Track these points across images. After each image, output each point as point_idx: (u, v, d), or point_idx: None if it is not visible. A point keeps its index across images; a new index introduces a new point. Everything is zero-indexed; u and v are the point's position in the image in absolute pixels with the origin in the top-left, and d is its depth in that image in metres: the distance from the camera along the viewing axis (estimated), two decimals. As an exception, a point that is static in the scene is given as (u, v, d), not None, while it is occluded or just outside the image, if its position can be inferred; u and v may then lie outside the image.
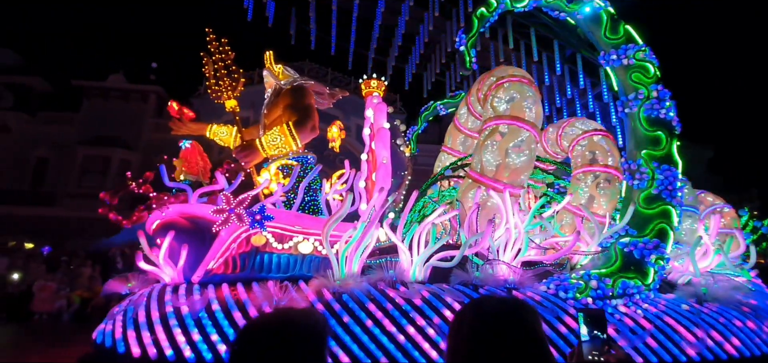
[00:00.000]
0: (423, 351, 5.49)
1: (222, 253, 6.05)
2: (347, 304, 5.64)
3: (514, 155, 6.63)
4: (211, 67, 6.72)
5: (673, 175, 7.12)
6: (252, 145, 6.90)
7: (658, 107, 7.36)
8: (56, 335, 11.35)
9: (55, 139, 29.42)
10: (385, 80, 7.77)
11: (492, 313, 1.37)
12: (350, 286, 5.72)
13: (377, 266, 6.21)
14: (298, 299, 5.63)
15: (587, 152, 7.57)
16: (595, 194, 7.36)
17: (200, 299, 5.61)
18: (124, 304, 6.17)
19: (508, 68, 7.35)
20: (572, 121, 8.06)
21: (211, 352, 5.29)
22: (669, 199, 7.02)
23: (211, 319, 5.45)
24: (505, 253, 6.28)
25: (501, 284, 6.06)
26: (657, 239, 6.72)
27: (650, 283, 6.52)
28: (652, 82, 7.46)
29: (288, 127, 6.80)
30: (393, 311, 5.62)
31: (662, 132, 7.32)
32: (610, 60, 7.52)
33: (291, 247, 6.24)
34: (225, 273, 6.06)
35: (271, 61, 7.91)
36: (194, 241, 6.10)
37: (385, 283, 5.95)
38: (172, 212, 6.14)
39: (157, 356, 5.33)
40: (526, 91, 6.79)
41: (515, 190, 6.67)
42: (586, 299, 6.13)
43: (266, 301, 5.48)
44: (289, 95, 7.23)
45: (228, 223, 5.96)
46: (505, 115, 6.76)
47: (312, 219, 6.46)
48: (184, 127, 7.63)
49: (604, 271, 6.50)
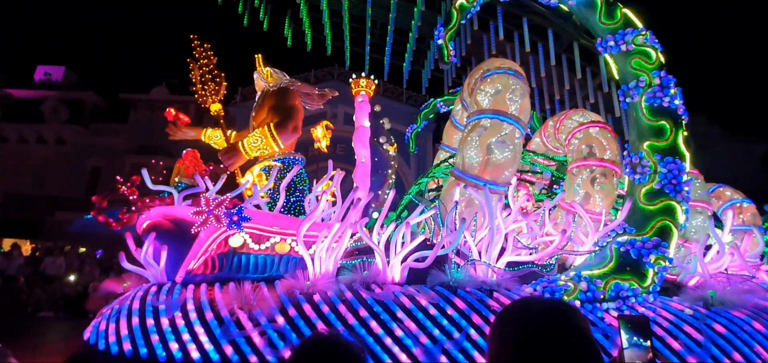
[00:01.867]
0: (392, 354, 5.37)
1: (202, 254, 6.20)
2: (318, 306, 5.62)
3: (498, 151, 6.34)
4: (197, 73, 6.95)
5: (678, 168, 6.55)
6: (235, 148, 7.04)
7: (661, 95, 6.81)
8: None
9: (106, 149, 31.59)
10: (374, 79, 7.70)
11: (541, 313, 1.31)
12: (321, 287, 5.69)
13: (354, 267, 6.14)
14: (270, 299, 5.67)
15: (583, 146, 7.12)
16: (591, 191, 6.90)
17: (176, 300, 5.77)
18: (114, 304, 6.46)
19: (495, 60, 7.05)
20: (570, 113, 7.62)
21: (182, 352, 5.43)
22: (673, 194, 6.46)
23: (185, 319, 5.60)
24: (488, 254, 6.02)
25: (480, 286, 5.81)
26: (658, 238, 6.20)
27: (649, 285, 6.02)
28: (654, 69, 6.92)
29: (269, 129, 6.89)
30: (364, 313, 5.53)
31: (666, 122, 6.76)
32: (608, 47, 7.05)
33: (268, 247, 6.30)
34: (204, 273, 6.20)
35: (260, 63, 8.06)
36: (176, 241, 6.29)
37: (360, 284, 5.88)
38: (155, 214, 6.38)
39: (133, 353, 5.55)
40: (510, 84, 6.48)
41: (498, 187, 6.37)
42: (574, 301, 5.75)
43: (236, 302, 5.55)
44: (273, 97, 7.33)
45: (207, 224, 6.11)
46: (487, 109, 6.48)
47: (289, 219, 6.50)
48: (179, 131, 7.94)
49: (596, 272, 6.08)
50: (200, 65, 6.97)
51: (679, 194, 6.47)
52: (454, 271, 5.98)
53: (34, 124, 30.60)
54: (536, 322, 1.25)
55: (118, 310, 6.07)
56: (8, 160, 30.22)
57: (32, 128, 30.70)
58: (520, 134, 6.49)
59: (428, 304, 5.62)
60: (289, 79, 8.01)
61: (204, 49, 6.90)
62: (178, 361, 5.46)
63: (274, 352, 5.36)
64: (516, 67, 6.72)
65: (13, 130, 30.58)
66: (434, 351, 5.37)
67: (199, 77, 7.05)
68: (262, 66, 7.92)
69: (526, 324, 1.26)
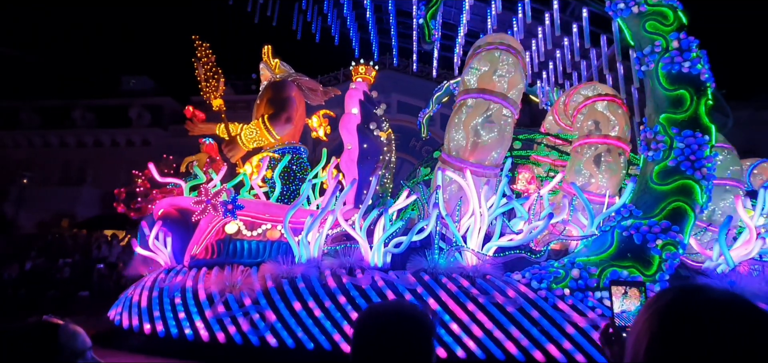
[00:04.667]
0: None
1: (202, 240, 6.66)
2: (299, 288, 5.80)
3: (483, 131, 6.02)
4: (201, 71, 7.42)
5: (699, 142, 5.78)
6: (234, 141, 7.42)
7: (680, 60, 6.03)
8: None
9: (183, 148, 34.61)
10: (374, 66, 7.70)
11: (715, 310, 0.95)
12: (302, 271, 5.86)
13: (339, 252, 6.23)
14: (256, 282, 5.96)
15: (589, 122, 6.53)
16: (594, 170, 6.32)
17: (177, 284, 6.27)
18: (134, 285, 7.17)
19: (489, 36, 6.67)
20: (580, 87, 6.99)
21: (177, 328, 5.91)
22: (690, 171, 5.73)
23: (183, 300, 6.08)
24: (471, 239, 5.79)
25: (460, 272, 5.62)
26: (668, 221, 5.55)
27: (654, 273, 5.42)
28: (671, 31, 6.14)
29: (263, 121, 7.16)
30: (341, 297, 5.62)
31: (686, 90, 5.99)
32: (618, 10, 6.38)
33: (260, 234, 6.59)
34: (205, 258, 6.66)
35: (269, 55, 8.38)
36: (182, 229, 6.81)
37: (342, 268, 5.96)
38: (166, 204, 6.95)
39: (140, 329, 6.17)
40: (497, 60, 6.10)
41: (483, 169, 6.06)
42: (562, 290, 5.36)
43: (225, 285, 5.91)
44: (270, 89, 7.60)
45: (206, 213, 6.55)
46: (472, 89, 6.17)
47: (280, 207, 6.73)
48: (196, 128, 8.54)
49: (593, 258, 5.60)
50: (202, 63, 7.44)
51: (699, 171, 5.71)
52: (436, 257, 5.85)
53: (123, 128, 34.32)
54: (702, 323, 0.92)
55: (131, 291, 6.75)
56: (104, 161, 34.24)
57: (122, 133, 34.46)
58: (508, 112, 6.10)
59: (405, 289, 5.57)
60: (295, 73, 8.27)
61: (204, 49, 7.35)
62: (174, 337, 5.96)
63: (255, 332, 5.66)
64: (508, 41, 6.30)
65: (107, 135, 34.55)
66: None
67: (202, 75, 7.52)
68: (270, 57, 8.24)
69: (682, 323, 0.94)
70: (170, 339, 5.92)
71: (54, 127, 34.20)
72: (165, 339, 5.95)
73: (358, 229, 6.00)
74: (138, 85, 36.42)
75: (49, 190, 32.99)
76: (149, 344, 6.10)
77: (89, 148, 34.55)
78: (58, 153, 34.40)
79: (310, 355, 5.44)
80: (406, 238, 5.66)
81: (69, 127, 34.28)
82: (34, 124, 34.61)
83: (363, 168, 6.83)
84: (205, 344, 5.74)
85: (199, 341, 5.75)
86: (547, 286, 5.42)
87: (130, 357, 6.13)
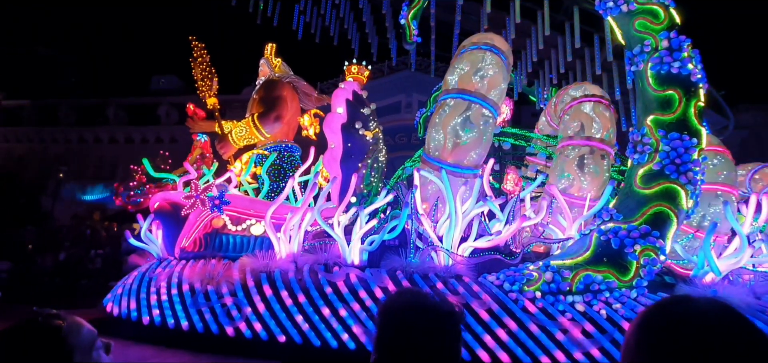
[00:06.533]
0: (335, 333, 5.48)
1: (192, 233, 6.90)
2: (275, 282, 5.93)
3: (462, 131, 5.99)
4: (198, 70, 7.69)
5: (686, 145, 5.57)
6: (226, 138, 7.65)
7: (670, 60, 5.82)
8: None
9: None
10: (367, 65, 7.79)
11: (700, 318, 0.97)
12: (279, 266, 5.99)
13: (317, 248, 6.34)
14: (236, 274, 6.14)
15: (574, 123, 6.38)
16: (576, 172, 6.17)
17: (165, 273, 6.53)
18: (130, 275, 7.50)
19: (473, 36, 6.61)
20: (570, 87, 6.83)
21: (160, 316, 6.16)
22: (675, 175, 5.52)
23: (168, 290, 6.33)
24: (446, 240, 5.78)
25: (433, 271, 5.62)
26: (648, 226, 5.37)
27: (631, 279, 5.26)
28: (661, 30, 5.94)
29: (252, 120, 7.36)
30: (314, 292, 5.71)
31: (675, 91, 5.78)
32: (608, 8, 6.22)
33: (244, 229, 6.77)
34: (194, 251, 6.90)
35: (272, 53, 8.59)
36: (174, 221, 7.08)
37: (319, 265, 6.05)
38: (160, 198, 7.24)
39: (126, 314, 6.46)
40: (478, 60, 6.05)
41: (463, 170, 6.02)
42: (533, 292, 5.27)
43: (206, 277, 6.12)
44: (262, 88, 7.80)
45: (195, 207, 6.79)
46: (452, 89, 6.14)
47: (266, 204, 6.89)
48: (196, 125, 8.84)
49: (568, 261, 5.48)
50: (198, 63, 7.71)
51: (684, 176, 5.50)
52: (410, 257, 5.86)
53: (153, 126, 35.67)
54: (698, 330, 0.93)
55: (125, 281, 7.07)
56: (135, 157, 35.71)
57: (151, 130, 35.81)
58: (489, 112, 6.03)
59: (375, 287, 5.61)
60: (293, 75, 8.45)
61: (199, 49, 7.61)
62: (157, 325, 6.22)
63: (231, 322, 5.83)
64: (492, 40, 6.23)
65: (138, 132, 36.01)
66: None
67: (199, 74, 7.79)
68: (272, 55, 8.45)
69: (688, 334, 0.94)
70: (154, 327, 6.19)
71: (89, 125, 35.88)
72: (149, 327, 6.22)
73: (336, 227, 6.08)
74: (167, 84, 37.76)
75: (84, 184, 34.72)
76: (137, 332, 6.38)
77: (121, 144, 36.09)
78: (92, 149, 36.07)
79: (282, 346, 5.57)
80: (378, 236, 5.70)
81: (103, 124, 35.90)
82: (71, 121, 36.38)
83: (346, 167, 6.91)
84: (186, 333, 5.97)
85: (180, 330, 5.98)
86: (519, 288, 5.34)
87: (120, 343, 6.44)
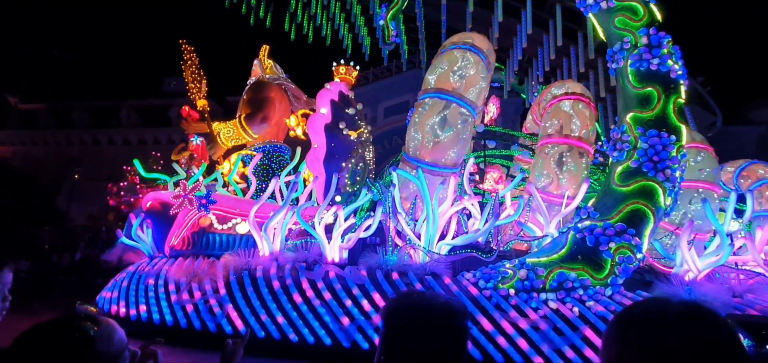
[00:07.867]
0: (312, 328, 5.57)
1: (180, 231, 7.07)
2: (256, 279, 6.05)
3: (440, 130, 6.02)
4: (188, 73, 7.87)
5: (664, 142, 5.52)
6: (215, 139, 7.81)
7: (649, 57, 5.78)
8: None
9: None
10: (355, 66, 7.88)
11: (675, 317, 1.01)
12: (261, 263, 6.11)
13: (299, 247, 6.44)
14: (219, 272, 6.28)
15: (554, 120, 6.36)
16: (554, 171, 6.16)
17: (153, 270, 6.71)
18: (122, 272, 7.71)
19: (454, 36, 6.62)
20: (553, 85, 6.81)
21: (147, 312, 6.33)
22: (653, 173, 5.48)
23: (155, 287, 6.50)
24: (424, 237, 5.82)
25: (409, 269, 5.68)
26: (623, 223, 5.34)
27: (605, 277, 5.24)
28: (641, 26, 5.89)
29: (240, 121, 7.50)
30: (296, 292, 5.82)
31: (654, 88, 5.73)
32: (588, 5, 6.20)
33: (229, 227, 6.91)
34: (182, 249, 7.07)
35: (265, 54, 8.75)
36: (163, 220, 7.26)
37: (301, 262, 6.16)
38: (151, 197, 7.43)
39: (116, 312, 6.65)
40: (456, 59, 6.08)
41: (441, 169, 6.05)
42: (507, 290, 5.29)
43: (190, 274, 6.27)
44: (251, 90, 7.95)
45: (183, 206, 6.96)
46: (430, 89, 6.18)
47: (250, 202, 7.02)
48: (190, 126, 9.04)
49: (543, 259, 5.48)
50: (189, 65, 7.89)
51: (661, 173, 5.46)
52: (388, 255, 5.93)
53: (164, 128, 36.27)
54: (672, 330, 0.97)
55: (118, 278, 7.27)
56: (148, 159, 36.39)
57: (163, 132, 36.42)
58: (466, 111, 6.05)
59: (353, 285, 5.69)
60: (285, 77, 8.59)
61: (189, 52, 7.79)
62: (144, 321, 6.40)
63: (213, 318, 5.97)
64: (472, 39, 6.25)
65: (150, 134, 36.67)
66: (350, 330, 5.45)
67: (189, 77, 7.97)
68: (265, 57, 8.60)
69: (659, 331, 0.99)
70: (141, 322, 6.36)
71: (102, 127, 36.67)
72: (136, 322, 6.40)
73: (317, 226, 6.18)
74: (178, 86, 38.43)
75: (98, 184, 35.57)
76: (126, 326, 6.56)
77: (134, 146, 36.80)
78: (106, 150, 36.87)
79: (260, 342, 5.68)
80: (354, 234, 5.77)
81: (116, 126, 36.66)
82: (85, 123, 37.21)
83: (329, 166, 6.99)
84: (170, 328, 6.12)
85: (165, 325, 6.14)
86: (493, 285, 5.37)
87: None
